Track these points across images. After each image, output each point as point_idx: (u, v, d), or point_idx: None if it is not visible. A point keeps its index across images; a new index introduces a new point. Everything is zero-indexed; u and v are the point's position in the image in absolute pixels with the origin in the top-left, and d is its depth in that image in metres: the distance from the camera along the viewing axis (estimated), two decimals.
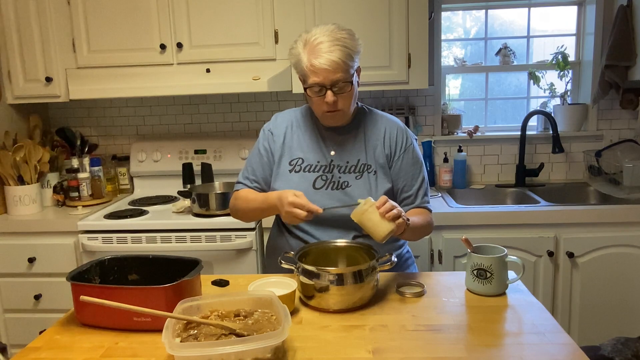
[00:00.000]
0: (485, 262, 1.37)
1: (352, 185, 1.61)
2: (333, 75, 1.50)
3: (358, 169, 1.63)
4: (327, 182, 1.63)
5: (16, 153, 2.48)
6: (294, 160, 1.66)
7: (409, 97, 2.83)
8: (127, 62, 2.50)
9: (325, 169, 1.64)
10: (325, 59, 1.49)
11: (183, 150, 2.82)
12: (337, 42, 1.50)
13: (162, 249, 2.28)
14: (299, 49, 1.56)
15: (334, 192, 1.61)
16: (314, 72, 1.51)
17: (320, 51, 1.50)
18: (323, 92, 1.53)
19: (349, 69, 1.52)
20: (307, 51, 1.52)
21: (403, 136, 1.68)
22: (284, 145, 1.68)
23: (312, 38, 1.53)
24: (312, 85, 1.53)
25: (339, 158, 1.65)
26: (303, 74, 1.56)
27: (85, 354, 1.16)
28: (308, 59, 1.51)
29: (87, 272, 1.35)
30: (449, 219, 2.29)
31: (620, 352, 1.51)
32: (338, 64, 1.49)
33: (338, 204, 1.58)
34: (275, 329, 1.10)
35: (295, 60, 1.57)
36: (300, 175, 1.64)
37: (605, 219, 2.27)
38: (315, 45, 1.51)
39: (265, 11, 2.42)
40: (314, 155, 1.65)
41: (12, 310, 2.47)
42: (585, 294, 2.31)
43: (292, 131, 1.70)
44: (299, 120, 1.72)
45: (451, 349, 1.14)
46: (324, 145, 1.66)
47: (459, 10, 2.89)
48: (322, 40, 1.51)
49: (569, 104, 2.84)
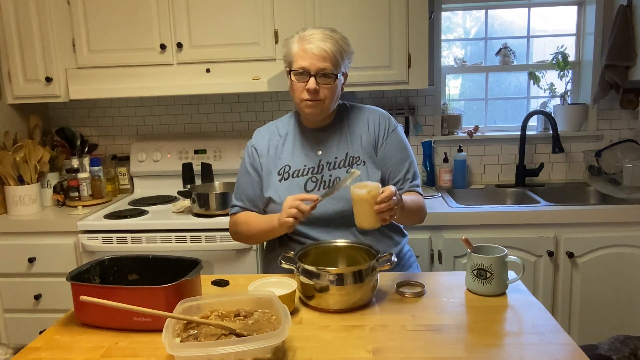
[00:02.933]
0: (485, 262, 1.37)
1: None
2: (320, 62, 1.54)
3: (347, 162, 1.65)
4: (318, 182, 1.64)
5: (16, 153, 2.48)
6: (282, 168, 1.67)
7: (409, 97, 2.83)
8: (127, 62, 2.50)
9: (314, 171, 1.65)
10: (316, 45, 1.54)
11: (183, 150, 2.82)
12: (331, 37, 1.56)
13: (162, 249, 2.28)
14: (293, 40, 1.61)
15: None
16: (302, 56, 1.55)
17: (313, 40, 1.55)
18: (306, 78, 1.56)
19: (337, 65, 1.56)
20: (300, 40, 1.58)
21: (386, 122, 1.70)
22: (269, 157, 1.70)
23: (308, 33, 1.58)
24: (297, 69, 1.56)
25: (327, 156, 1.66)
26: (290, 60, 1.59)
27: (85, 354, 1.16)
28: (299, 45, 1.56)
29: (87, 272, 1.35)
30: (449, 219, 2.29)
31: (618, 350, 1.50)
32: (327, 53, 1.54)
33: (332, 202, 1.58)
34: (275, 329, 1.10)
35: (287, 49, 1.61)
36: (290, 181, 1.65)
37: (605, 219, 2.27)
38: (309, 35, 1.57)
39: (265, 11, 2.42)
40: (301, 160, 1.67)
41: (12, 310, 2.47)
42: (585, 294, 2.31)
43: (274, 142, 1.72)
44: (280, 129, 1.74)
45: (451, 349, 1.14)
46: (309, 147, 1.68)
47: (459, 10, 2.89)
48: (316, 33, 1.58)
49: (569, 104, 2.83)
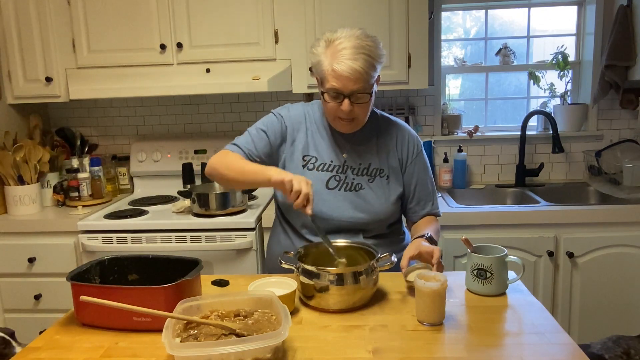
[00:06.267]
0: (485, 262, 1.37)
1: (366, 188, 1.60)
2: (353, 84, 1.45)
3: (370, 172, 1.62)
4: (340, 182, 1.61)
5: (16, 153, 2.48)
6: (308, 157, 1.62)
7: (409, 97, 2.83)
8: (127, 62, 2.50)
9: (338, 169, 1.61)
10: (347, 66, 1.42)
11: (183, 150, 2.82)
12: (362, 49, 1.43)
13: (162, 249, 2.28)
14: (320, 49, 1.49)
15: (347, 194, 1.60)
16: (334, 77, 1.45)
17: (343, 57, 1.43)
18: (340, 99, 1.48)
19: (369, 79, 1.47)
20: (330, 54, 1.46)
21: (414, 143, 1.67)
22: (297, 138, 1.62)
23: (337, 41, 1.46)
24: (330, 90, 1.48)
25: (352, 160, 1.62)
26: (322, 77, 1.50)
27: (85, 354, 1.16)
28: (330, 62, 1.45)
29: (87, 272, 1.35)
30: (449, 219, 2.28)
31: (610, 349, 1.50)
32: (360, 74, 1.43)
33: (350, 207, 1.58)
34: (275, 329, 1.10)
35: (316, 60, 1.50)
36: (314, 173, 1.60)
37: (605, 219, 2.27)
38: (339, 50, 1.44)
39: (265, 11, 2.42)
40: (328, 155, 1.62)
41: (12, 310, 2.47)
42: (585, 294, 2.31)
43: (305, 127, 1.64)
44: (312, 117, 1.66)
45: (451, 349, 1.14)
46: (337, 145, 1.63)
47: (459, 10, 2.89)
48: (347, 46, 1.43)
49: (569, 104, 2.84)
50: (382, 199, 1.60)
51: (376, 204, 1.60)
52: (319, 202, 1.55)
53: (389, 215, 1.63)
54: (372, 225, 1.61)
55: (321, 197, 1.57)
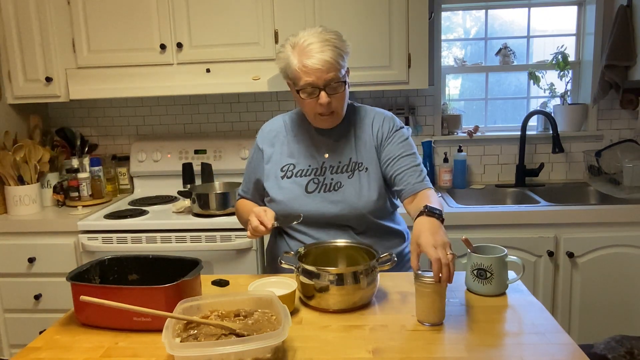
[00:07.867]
0: (485, 262, 1.37)
1: (345, 185, 1.61)
2: (326, 74, 1.49)
3: (350, 167, 1.63)
4: (319, 184, 1.63)
5: (16, 153, 2.48)
6: (285, 166, 1.66)
7: (409, 97, 2.83)
8: (127, 62, 2.50)
9: (316, 172, 1.64)
10: (317, 58, 1.48)
11: (183, 150, 2.82)
12: (327, 42, 1.50)
13: (162, 249, 2.28)
14: (287, 52, 1.54)
15: (326, 195, 1.61)
16: (306, 72, 1.49)
17: (311, 51, 1.49)
18: (316, 93, 1.52)
19: (340, 69, 1.52)
20: (297, 53, 1.51)
21: (389, 123, 1.66)
22: (274, 152, 1.69)
23: (301, 40, 1.52)
24: (305, 86, 1.51)
25: (332, 159, 1.65)
26: (294, 76, 1.54)
27: (85, 354, 1.16)
28: (299, 60, 1.50)
29: (87, 272, 1.35)
30: (449, 219, 2.25)
31: (614, 349, 1.50)
32: (331, 64, 1.49)
33: (330, 205, 1.59)
34: (275, 329, 1.10)
35: (284, 63, 1.55)
36: (292, 181, 1.64)
37: (605, 219, 2.27)
38: (305, 46, 1.50)
39: (265, 11, 2.42)
40: (305, 160, 1.65)
41: (12, 310, 2.47)
42: (585, 294, 2.31)
43: (281, 139, 1.70)
44: (288, 126, 1.72)
45: (451, 349, 1.14)
46: (316, 149, 1.66)
47: (459, 10, 2.89)
48: (312, 42, 1.50)
49: (569, 104, 2.83)
50: (362, 191, 1.60)
51: (355, 197, 1.60)
52: (300, 207, 1.60)
53: (371, 207, 1.61)
54: (354, 219, 1.61)
55: (301, 202, 1.61)
